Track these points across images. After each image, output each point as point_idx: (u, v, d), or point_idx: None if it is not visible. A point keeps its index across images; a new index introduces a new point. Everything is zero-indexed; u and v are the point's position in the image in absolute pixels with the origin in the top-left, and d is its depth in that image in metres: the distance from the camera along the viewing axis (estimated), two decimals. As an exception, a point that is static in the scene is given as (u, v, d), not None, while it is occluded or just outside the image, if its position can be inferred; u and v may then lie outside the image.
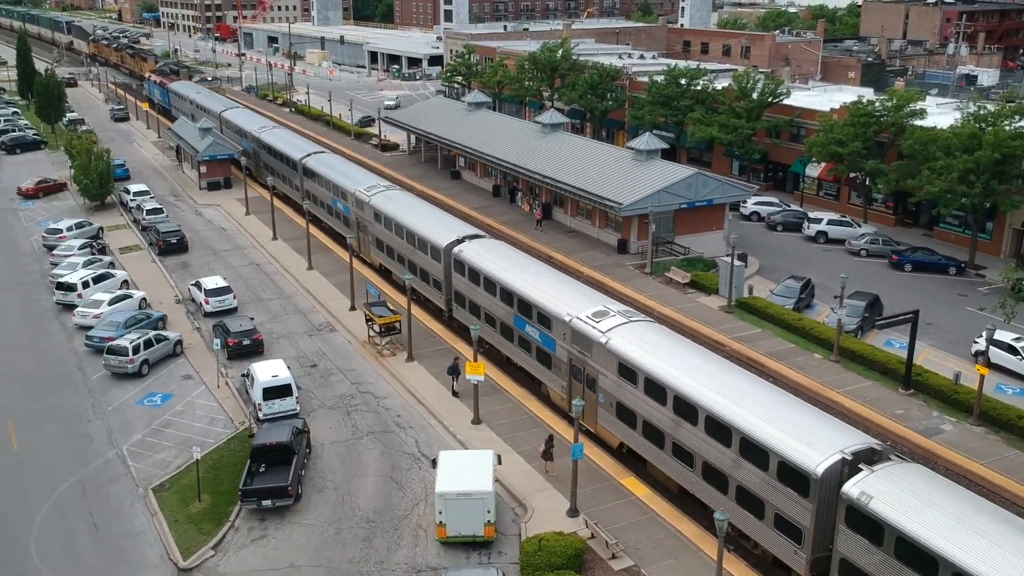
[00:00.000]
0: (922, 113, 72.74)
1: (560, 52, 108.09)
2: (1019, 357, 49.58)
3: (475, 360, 43.31)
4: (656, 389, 37.44)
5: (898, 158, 72.02)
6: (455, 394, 46.71)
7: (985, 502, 30.26)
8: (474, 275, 51.08)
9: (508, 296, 47.93)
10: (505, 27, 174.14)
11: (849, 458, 30.70)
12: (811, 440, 31.82)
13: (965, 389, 45.61)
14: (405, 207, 62.38)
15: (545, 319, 44.69)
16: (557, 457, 39.94)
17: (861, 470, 30.11)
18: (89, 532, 37.02)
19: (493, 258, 51.03)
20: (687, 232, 68.53)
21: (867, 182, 75.19)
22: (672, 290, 61.27)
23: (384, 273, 63.68)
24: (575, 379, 43.04)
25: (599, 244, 70.15)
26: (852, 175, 77.04)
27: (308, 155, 79.18)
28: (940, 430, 43.15)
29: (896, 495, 29.02)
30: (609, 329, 40.96)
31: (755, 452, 32.82)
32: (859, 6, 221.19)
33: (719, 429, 34.33)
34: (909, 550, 27.94)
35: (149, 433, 44.29)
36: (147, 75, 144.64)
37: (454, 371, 46.94)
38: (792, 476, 31.42)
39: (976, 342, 51.14)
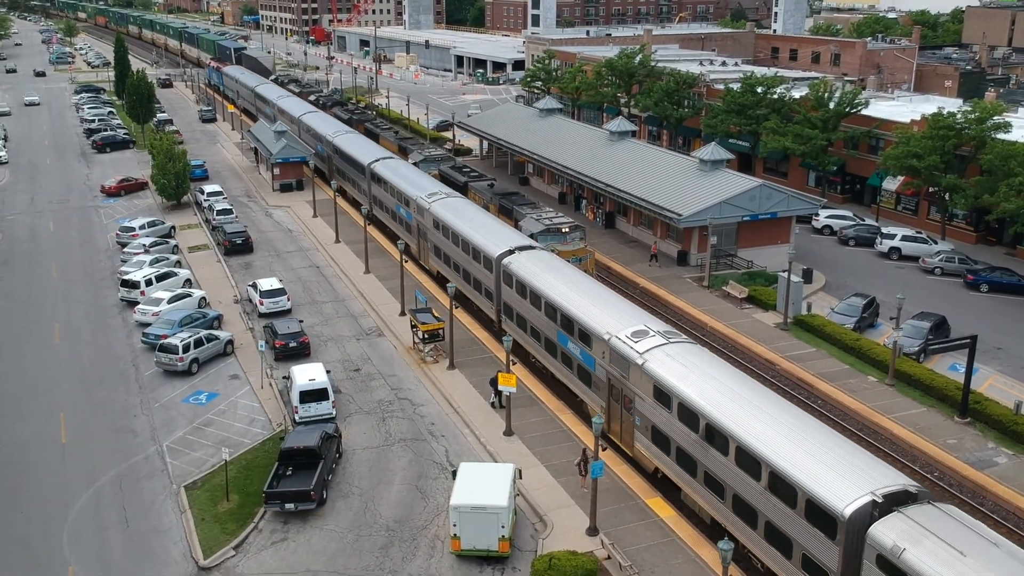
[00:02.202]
0: (1006, 126, 69.43)
1: (638, 58, 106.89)
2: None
3: (507, 370, 42.95)
4: (449, 233, 59.14)
5: (979, 173, 68.93)
6: (493, 406, 46.26)
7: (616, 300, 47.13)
8: (380, 180, 74.30)
9: (395, 191, 70.54)
10: (588, 32, 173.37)
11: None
12: (499, 242, 54.10)
13: (1026, 420, 43.23)
14: (354, 144, 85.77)
15: (407, 200, 67.17)
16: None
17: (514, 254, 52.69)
18: (119, 526, 37.93)
19: (391, 171, 73.61)
20: (751, 245, 66.89)
21: (946, 197, 72.15)
22: (729, 305, 59.81)
23: (438, 279, 63.92)
24: (420, 237, 65.23)
25: (660, 255, 68.92)
26: (931, 190, 74.04)
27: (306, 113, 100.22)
28: (993, 462, 40.99)
29: (523, 262, 51.03)
30: (432, 202, 63.07)
31: (473, 250, 55.33)
32: (963, 12, 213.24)
33: (467, 245, 56.59)
34: (522, 288, 49.42)
35: (190, 431, 45.23)
36: (208, 62, 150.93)
37: (497, 383, 46.44)
38: (487, 261, 53.67)
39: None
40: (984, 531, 27.43)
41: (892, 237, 71.49)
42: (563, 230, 62.41)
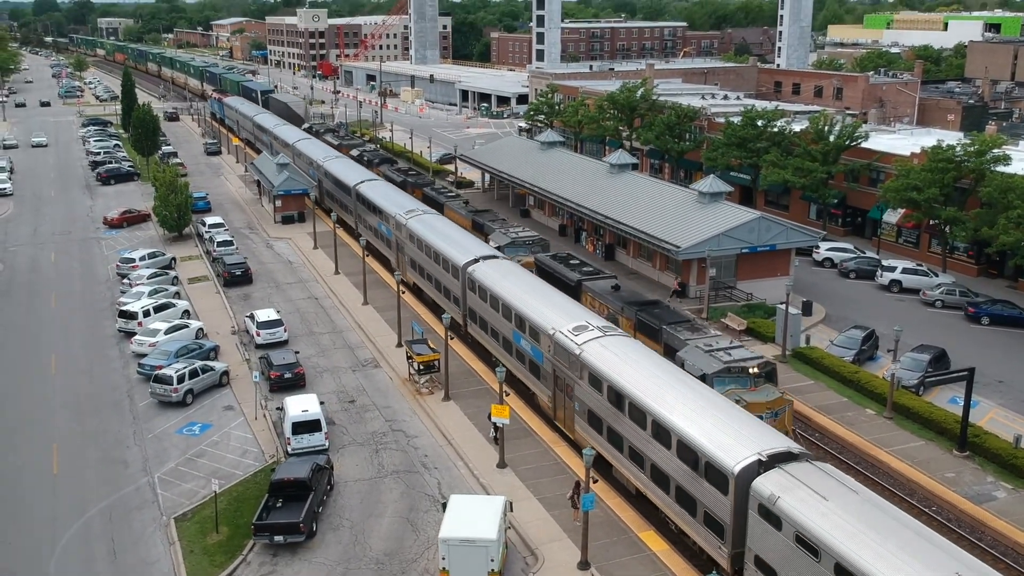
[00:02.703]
0: (1005, 159, 69.41)
1: (640, 92, 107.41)
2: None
3: (500, 401, 42.69)
4: (423, 245, 63.32)
5: (979, 205, 68.82)
6: (496, 440, 45.57)
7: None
8: (364, 200, 78.91)
9: (376, 210, 74.60)
10: (591, 67, 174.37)
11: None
12: (464, 251, 57.68)
13: (1025, 454, 42.73)
14: (342, 167, 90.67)
15: (386, 217, 71.72)
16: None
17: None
18: (107, 558, 37.59)
19: (374, 191, 78.31)
20: (750, 277, 66.67)
21: (946, 230, 72.00)
22: (727, 337, 59.39)
23: (414, 290, 65.91)
24: (397, 251, 69.21)
25: (659, 287, 68.83)
26: (931, 222, 73.92)
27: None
28: (992, 497, 40.46)
29: (486, 270, 54.79)
30: (409, 218, 67.03)
31: (443, 260, 59.01)
32: (966, 47, 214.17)
33: (437, 255, 60.21)
34: (484, 293, 53.71)
35: (182, 462, 44.96)
36: (211, 94, 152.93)
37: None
38: (454, 270, 57.80)
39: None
40: (849, 482, 31.52)
41: (893, 270, 71.24)
42: (751, 370, 43.76)
